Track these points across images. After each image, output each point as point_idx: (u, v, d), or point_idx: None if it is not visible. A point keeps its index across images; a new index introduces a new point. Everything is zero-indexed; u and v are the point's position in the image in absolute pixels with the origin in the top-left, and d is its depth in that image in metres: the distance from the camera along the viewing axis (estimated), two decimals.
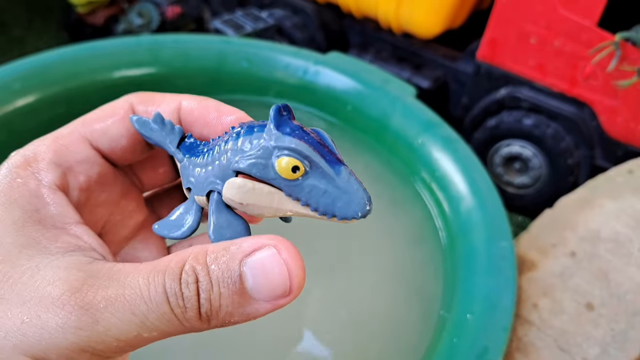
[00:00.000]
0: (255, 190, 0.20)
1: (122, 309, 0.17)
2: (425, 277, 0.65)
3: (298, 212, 0.20)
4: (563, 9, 0.96)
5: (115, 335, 0.18)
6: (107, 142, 0.23)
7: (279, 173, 0.19)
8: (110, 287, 0.18)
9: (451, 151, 0.70)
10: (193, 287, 0.18)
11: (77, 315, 0.17)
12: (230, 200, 0.20)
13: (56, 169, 0.21)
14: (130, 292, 0.18)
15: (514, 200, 1.20)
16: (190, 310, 0.18)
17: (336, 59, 0.86)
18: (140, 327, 0.18)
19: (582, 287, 0.63)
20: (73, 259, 0.19)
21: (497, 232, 0.60)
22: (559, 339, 0.59)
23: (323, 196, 0.19)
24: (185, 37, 0.86)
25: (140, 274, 0.18)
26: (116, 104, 0.23)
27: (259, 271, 0.18)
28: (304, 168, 0.19)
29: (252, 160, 0.19)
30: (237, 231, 0.20)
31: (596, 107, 1.01)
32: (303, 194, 0.19)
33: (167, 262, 0.19)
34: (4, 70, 0.71)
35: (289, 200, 0.19)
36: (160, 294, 0.18)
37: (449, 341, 0.51)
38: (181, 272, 0.18)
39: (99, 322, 0.17)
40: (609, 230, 0.69)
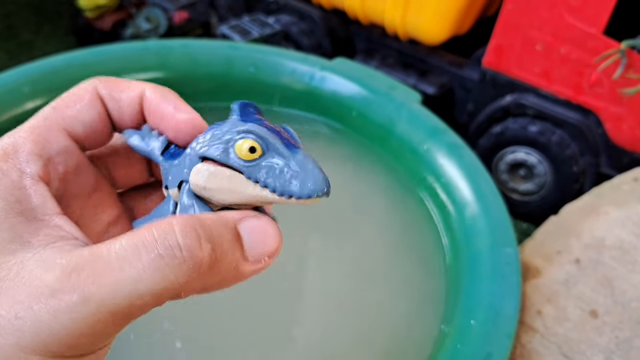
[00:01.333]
0: (216, 173, 0.20)
1: (110, 279, 0.17)
2: (429, 283, 0.65)
3: (258, 195, 0.20)
4: (569, 16, 0.96)
5: (109, 309, 0.17)
6: (82, 128, 0.23)
7: (237, 154, 0.20)
8: (96, 263, 0.17)
9: (456, 157, 0.70)
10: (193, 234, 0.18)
11: (67, 298, 0.17)
12: (195, 185, 0.21)
13: (37, 159, 0.21)
14: (116, 258, 0.17)
15: (518, 207, 1.20)
16: (190, 258, 0.18)
17: (342, 64, 0.86)
18: (133, 293, 0.17)
19: (586, 294, 0.63)
20: (55, 249, 0.18)
21: (502, 239, 0.60)
22: (562, 347, 0.59)
23: (279, 176, 0.20)
24: (193, 42, 0.86)
25: (123, 244, 0.18)
26: (80, 89, 0.24)
27: (254, 231, 0.20)
28: (261, 149, 0.20)
29: (215, 145, 0.21)
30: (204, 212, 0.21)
31: (602, 115, 1.01)
32: (260, 174, 0.20)
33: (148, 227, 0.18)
34: (15, 74, 0.72)
35: (248, 183, 0.20)
36: (151, 251, 0.18)
37: (453, 347, 0.51)
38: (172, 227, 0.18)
39: (90, 300, 0.17)
40: (613, 238, 0.68)
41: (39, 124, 0.22)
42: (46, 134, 0.22)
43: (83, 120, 0.23)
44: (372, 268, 0.69)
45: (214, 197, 0.21)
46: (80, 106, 0.23)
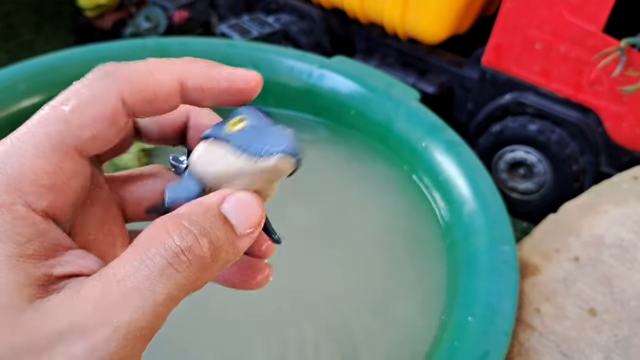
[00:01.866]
0: (209, 148, 0.21)
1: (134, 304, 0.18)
2: (427, 280, 0.65)
3: (236, 165, 0.21)
4: (569, 14, 0.96)
5: (140, 327, 0.18)
6: (98, 148, 0.20)
7: (228, 126, 0.21)
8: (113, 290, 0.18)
9: (454, 155, 0.70)
10: (190, 236, 0.19)
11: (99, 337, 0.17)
12: (191, 162, 0.22)
13: (46, 191, 0.19)
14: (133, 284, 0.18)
15: (518, 206, 1.20)
16: (195, 257, 0.19)
17: (341, 62, 0.86)
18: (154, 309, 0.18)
19: (585, 292, 0.63)
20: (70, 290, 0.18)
21: (500, 236, 0.60)
22: (561, 345, 0.59)
23: (253, 140, 0.21)
24: (191, 40, 0.86)
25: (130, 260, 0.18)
26: (102, 100, 0.20)
27: (237, 209, 0.20)
28: (248, 120, 0.21)
29: (213, 127, 0.22)
30: (190, 191, 0.22)
31: (601, 113, 1.01)
32: (243, 139, 0.21)
33: (146, 233, 0.19)
34: (10, 71, 0.72)
35: (228, 153, 0.21)
36: (158, 260, 0.18)
37: (450, 344, 0.51)
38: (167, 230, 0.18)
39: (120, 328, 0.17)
40: (613, 236, 0.68)
41: (49, 147, 0.19)
42: (57, 160, 0.19)
43: (101, 141, 0.20)
44: (370, 265, 0.68)
45: (206, 173, 0.21)
46: (102, 126, 0.20)
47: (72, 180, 0.19)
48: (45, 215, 0.19)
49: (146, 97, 0.20)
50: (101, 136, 0.20)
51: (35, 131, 0.19)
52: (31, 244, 0.18)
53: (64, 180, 0.19)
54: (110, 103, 0.20)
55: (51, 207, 0.19)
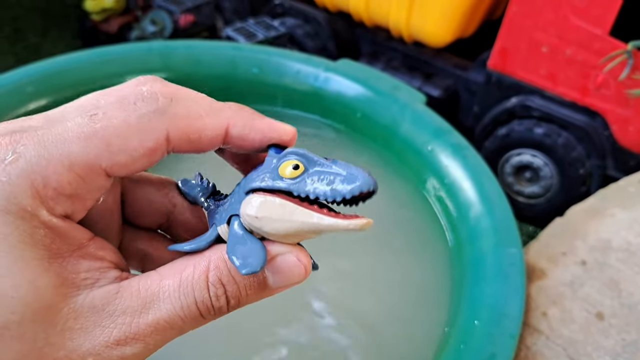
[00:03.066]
0: (267, 201, 0.20)
1: (164, 330, 0.20)
2: (433, 283, 0.65)
3: (307, 221, 0.20)
4: (575, 17, 0.96)
5: (162, 344, 0.21)
6: (126, 173, 0.21)
7: (282, 176, 0.21)
8: (150, 314, 0.20)
9: (460, 158, 0.70)
10: (223, 297, 0.21)
11: (133, 348, 0.20)
12: (246, 216, 0.21)
13: (68, 199, 0.19)
14: (168, 315, 0.20)
15: (524, 210, 1.19)
16: (219, 311, 0.21)
17: (346, 65, 0.86)
18: (176, 335, 0.21)
19: (592, 296, 0.63)
20: (102, 293, 0.20)
21: (506, 239, 0.59)
22: (568, 349, 0.59)
23: (324, 181, 0.20)
24: (197, 43, 0.87)
25: (171, 294, 0.20)
26: (148, 135, 0.20)
27: (279, 271, 0.21)
28: (303, 165, 0.21)
29: (260, 177, 0.21)
30: (253, 246, 0.21)
31: (608, 117, 1.00)
32: (308, 186, 0.20)
33: (191, 275, 0.20)
34: (17, 74, 0.72)
35: (297, 208, 0.20)
36: (193, 309, 0.20)
37: (456, 347, 0.51)
38: (207, 284, 0.20)
39: (148, 346, 0.20)
40: (620, 240, 0.68)
41: (82, 163, 0.19)
42: (84, 175, 0.19)
43: (132, 169, 0.20)
44: (375, 268, 0.68)
45: (265, 226, 0.20)
46: (139, 156, 0.20)
47: (93, 192, 0.20)
48: (64, 217, 0.20)
49: (191, 139, 0.21)
50: (134, 165, 0.20)
51: (75, 144, 0.19)
52: (56, 245, 0.19)
53: (85, 191, 0.20)
54: (155, 140, 0.20)
55: (69, 211, 0.20)
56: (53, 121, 0.20)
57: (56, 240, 0.19)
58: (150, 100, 0.20)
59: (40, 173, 0.18)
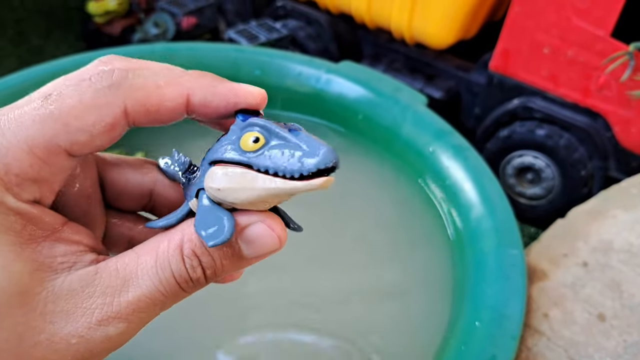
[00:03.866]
0: (228, 172, 0.20)
1: (147, 307, 0.20)
2: (434, 284, 0.65)
3: (268, 187, 0.20)
4: (577, 19, 0.96)
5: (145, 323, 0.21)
6: (88, 150, 0.20)
7: (243, 149, 0.20)
8: (130, 291, 0.20)
9: (462, 159, 0.70)
10: (199, 269, 0.21)
11: (116, 327, 0.20)
12: (210, 188, 0.21)
13: (31, 184, 0.19)
14: (148, 291, 0.20)
15: (526, 212, 1.19)
16: (197, 283, 0.21)
17: (348, 67, 0.86)
18: (159, 310, 0.21)
19: (593, 297, 0.63)
20: (80, 275, 0.20)
21: (507, 240, 0.59)
22: (569, 350, 0.59)
23: (285, 157, 0.19)
24: (199, 45, 0.87)
25: (149, 270, 0.20)
26: (104, 109, 0.20)
27: (252, 240, 0.21)
28: (264, 138, 0.20)
29: (222, 147, 0.21)
30: (218, 217, 0.21)
31: (610, 118, 1.00)
32: (268, 161, 0.20)
33: (166, 249, 0.20)
34: (20, 76, 0.72)
35: (258, 176, 0.20)
36: (172, 283, 0.20)
37: (457, 348, 0.51)
38: (182, 257, 0.20)
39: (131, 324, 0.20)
40: (621, 241, 0.68)
41: (41, 145, 0.19)
42: (45, 157, 0.19)
43: (94, 146, 0.20)
44: (378, 269, 0.68)
45: (228, 197, 0.21)
46: (98, 132, 0.20)
47: (58, 174, 0.20)
48: (33, 202, 0.20)
49: (150, 110, 0.20)
50: (95, 142, 0.20)
51: (31, 126, 0.19)
52: (28, 230, 0.19)
53: (49, 173, 0.19)
54: (112, 115, 0.20)
55: (37, 196, 0.20)
56: (12, 108, 0.19)
57: (27, 226, 0.19)
58: (105, 76, 0.20)
59: (0, 159, 0.18)
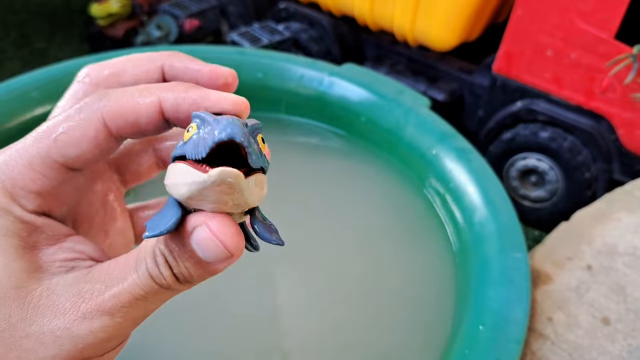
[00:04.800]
0: (171, 169, 0.20)
1: (129, 301, 0.21)
2: (437, 288, 0.65)
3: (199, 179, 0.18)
4: (580, 21, 0.96)
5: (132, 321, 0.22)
6: (81, 164, 0.22)
7: (183, 140, 0.20)
8: (114, 287, 0.21)
9: (465, 162, 0.69)
10: (164, 266, 0.21)
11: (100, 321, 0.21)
12: (166, 186, 0.21)
13: (35, 197, 0.21)
14: (129, 286, 0.21)
15: (530, 214, 1.19)
16: (170, 281, 0.21)
17: (350, 70, 0.86)
18: (145, 306, 0.22)
19: (598, 301, 0.62)
20: (74, 275, 0.21)
21: (511, 243, 0.59)
22: (573, 354, 0.58)
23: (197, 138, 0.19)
24: (201, 48, 0.87)
25: (131, 267, 0.21)
26: (87, 124, 0.21)
27: (203, 246, 0.21)
28: (196, 126, 0.20)
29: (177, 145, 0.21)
30: (165, 214, 0.21)
31: (614, 120, 1.00)
32: (187, 146, 0.19)
33: (144, 248, 0.22)
34: (23, 80, 0.72)
35: (190, 169, 0.19)
36: (147, 278, 0.21)
37: (461, 352, 0.50)
38: (153, 253, 0.21)
39: (115, 319, 0.21)
40: (626, 244, 0.67)
41: (38, 161, 0.21)
42: (44, 171, 0.21)
43: (88, 158, 0.22)
44: (379, 272, 0.68)
45: (173, 193, 0.20)
46: (86, 146, 0.22)
47: (62, 187, 0.22)
48: (40, 213, 0.22)
49: (128, 120, 0.22)
50: (85, 155, 0.22)
51: (30, 146, 0.21)
52: (32, 237, 0.21)
53: (51, 187, 0.22)
54: (93, 127, 0.22)
55: (42, 207, 0.22)
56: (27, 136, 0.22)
57: (33, 234, 0.21)
58: (89, 91, 0.23)
59: (7, 175, 0.21)
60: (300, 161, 0.83)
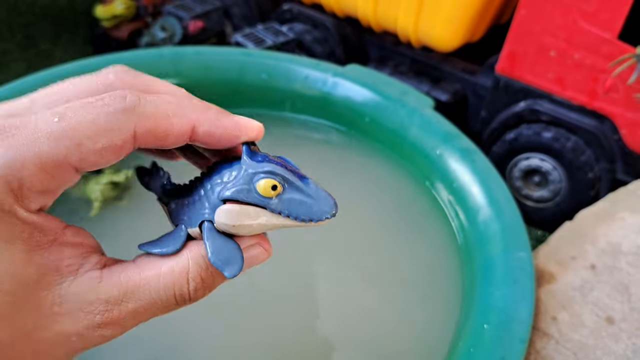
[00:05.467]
0: (242, 212, 0.23)
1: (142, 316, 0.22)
2: (442, 287, 0.65)
3: (283, 224, 0.24)
4: (583, 21, 0.96)
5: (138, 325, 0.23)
6: (94, 167, 0.22)
7: (260, 193, 0.23)
8: (130, 303, 0.22)
9: (469, 162, 0.70)
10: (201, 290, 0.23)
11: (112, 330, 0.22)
12: (223, 224, 0.23)
13: (39, 196, 0.21)
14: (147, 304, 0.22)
15: (533, 214, 1.19)
16: (194, 300, 0.23)
17: (354, 70, 0.87)
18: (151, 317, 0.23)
19: (602, 300, 0.62)
20: (85, 280, 0.22)
21: (515, 243, 0.59)
22: (578, 353, 0.58)
23: (300, 206, 0.23)
24: (206, 49, 0.87)
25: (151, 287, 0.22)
26: (116, 132, 0.21)
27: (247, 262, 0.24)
28: (281, 185, 0.23)
29: (237, 187, 0.23)
30: (232, 249, 0.24)
31: (617, 121, 1.00)
32: (284, 207, 0.23)
33: (171, 271, 0.23)
34: (28, 81, 0.73)
35: (272, 215, 0.23)
36: (171, 300, 0.23)
37: (466, 351, 0.51)
38: (188, 279, 0.23)
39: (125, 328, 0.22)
40: (630, 244, 0.68)
41: (52, 162, 0.20)
42: (55, 172, 0.21)
43: (103, 164, 0.22)
44: (383, 271, 0.68)
45: (240, 232, 0.24)
46: (108, 156, 0.21)
47: (62, 186, 0.22)
48: (37, 211, 0.21)
49: (157, 137, 0.22)
50: (101, 162, 0.22)
51: (45, 144, 0.20)
52: (35, 238, 0.21)
53: (55, 186, 0.21)
54: (123, 137, 0.21)
55: (41, 205, 0.21)
56: (26, 123, 0.21)
57: (34, 233, 0.21)
58: (119, 100, 0.21)
59: (14, 175, 0.20)
60: (304, 158, 0.83)
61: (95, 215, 0.69)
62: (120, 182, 0.73)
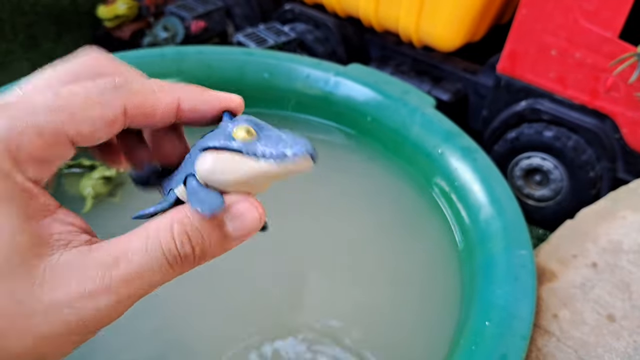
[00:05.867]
0: (220, 158, 0.23)
1: (135, 282, 0.22)
2: (443, 285, 0.65)
3: (258, 168, 0.23)
4: (584, 20, 0.96)
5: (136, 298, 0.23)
6: (88, 142, 0.23)
7: (236, 138, 0.23)
8: (121, 267, 0.22)
9: (470, 161, 0.70)
10: (188, 245, 0.23)
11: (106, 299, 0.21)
12: (202, 171, 0.24)
13: (37, 164, 0.21)
14: (138, 266, 0.22)
15: (534, 213, 1.19)
16: (185, 260, 0.23)
17: (356, 70, 0.87)
18: (147, 288, 0.23)
19: (603, 298, 0.63)
20: (75, 252, 0.22)
21: (516, 241, 0.60)
22: (579, 350, 0.59)
23: (275, 146, 0.23)
24: (208, 49, 0.88)
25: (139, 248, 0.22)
26: (107, 107, 0.23)
27: (239, 217, 0.24)
28: (255, 131, 0.24)
29: (214, 137, 0.24)
30: (213, 195, 0.23)
31: (618, 120, 1.00)
32: (258, 149, 0.23)
33: (156, 230, 0.23)
34: None
35: (248, 159, 0.23)
36: (161, 259, 0.22)
37: (467, 348, 0.51)
38: (173, 235, 0.23)
39: (121, 297, 0.22)
40: (631, 242, 0.68)
41: (50, 131, 0.21)
42: (53, 143, 0.22)
43: (96, 138, 0.23)
44: (385, 270, 0.69)
45: (219, 177, 0.23)
46: (101, 127, 0.23)
47: (58, 159, 0.22)
48: (34, 182, 0.22)
49: (145, 112, 0.24)
50: (96, 135, 0.23)
51: (42, 114, 0.21)
52: (31, 207, 0.21)
53: (52, 157, 0.22)
54: (113, 112, 0.23)
55: (38, 176, 0.22)
56: (24, 97, 0.22)
57: (31, 202, 0.21)
58: (109, 79, 0.23)
59: (14, 139, 0.21)
60: None
61: (87, 211, 0.70)
62: (112, 177, 0.74)
